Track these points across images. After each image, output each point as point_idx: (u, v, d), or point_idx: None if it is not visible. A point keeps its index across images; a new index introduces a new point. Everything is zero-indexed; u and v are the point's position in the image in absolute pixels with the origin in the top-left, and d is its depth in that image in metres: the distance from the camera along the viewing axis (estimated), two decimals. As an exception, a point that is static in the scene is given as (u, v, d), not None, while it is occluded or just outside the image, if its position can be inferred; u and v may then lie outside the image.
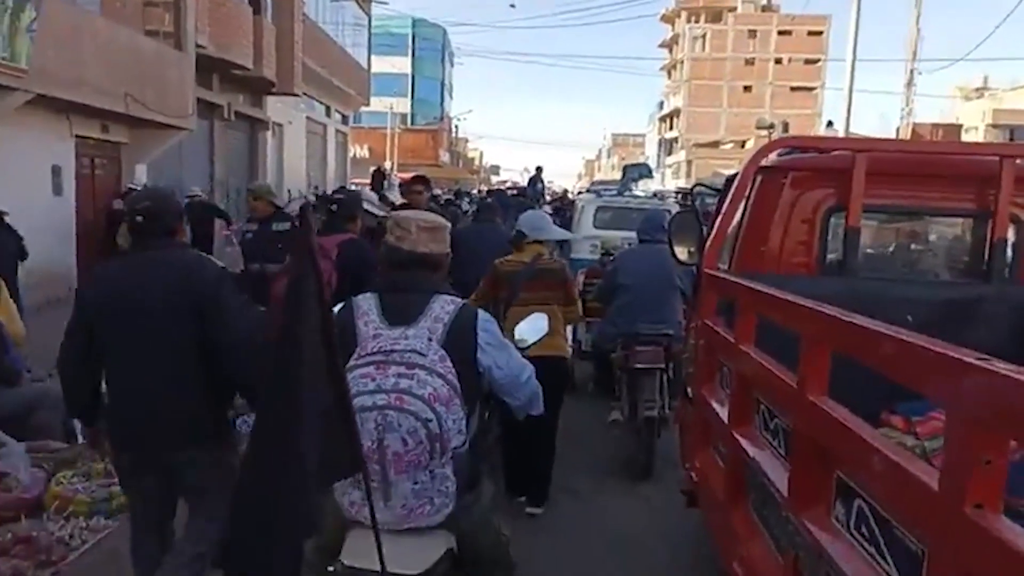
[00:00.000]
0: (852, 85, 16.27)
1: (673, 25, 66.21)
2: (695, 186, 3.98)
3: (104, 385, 2.67)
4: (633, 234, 9.01)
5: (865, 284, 3.00)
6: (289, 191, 18.98)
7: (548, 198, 18.57)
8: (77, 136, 10.24)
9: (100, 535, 3.68)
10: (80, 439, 4.71)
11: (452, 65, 54.51)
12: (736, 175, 3.74)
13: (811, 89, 60.07)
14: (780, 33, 61.10)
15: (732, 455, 2.36)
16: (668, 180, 46.93)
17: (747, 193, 3.19)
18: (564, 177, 36.96)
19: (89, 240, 10.36)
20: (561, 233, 5.23)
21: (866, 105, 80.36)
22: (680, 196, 21.82)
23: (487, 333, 2.16)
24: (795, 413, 1.75)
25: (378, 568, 1.70)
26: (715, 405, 2.68)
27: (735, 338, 2.35)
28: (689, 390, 3.23)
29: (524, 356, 2.32)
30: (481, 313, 2.21)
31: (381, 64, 37.85)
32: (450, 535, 2.09)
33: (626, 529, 4.12)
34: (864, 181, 3.00)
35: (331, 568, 1.96)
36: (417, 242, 2.21)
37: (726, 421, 2.42)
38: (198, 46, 11.90)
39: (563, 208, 15.35)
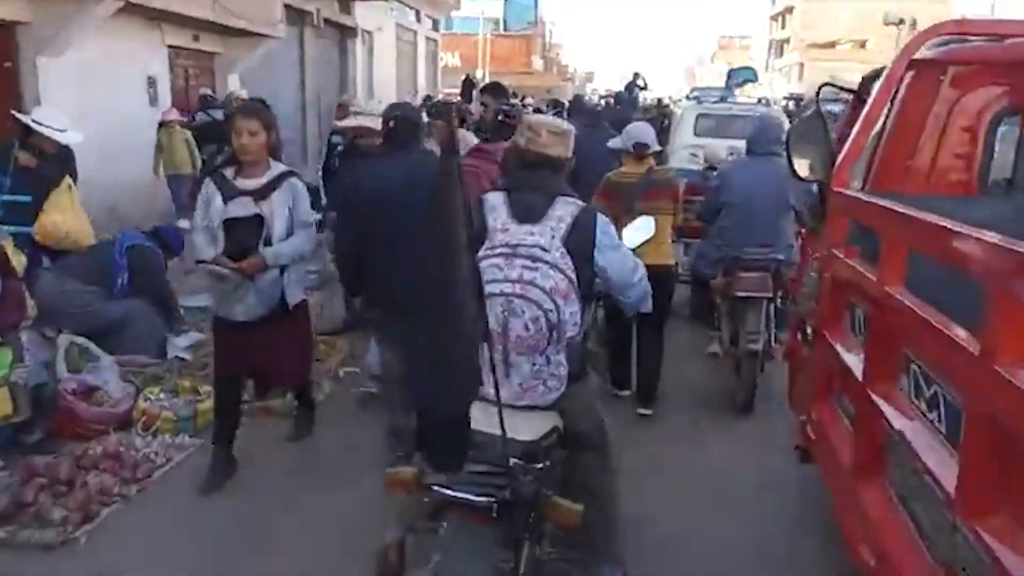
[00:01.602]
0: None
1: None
2: (822, 86, 3.35)
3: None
4: (736, 143, 8.60)
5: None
6: (379, 101, 18.75)
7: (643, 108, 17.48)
8: (169, 46, 10.20)
9: (184, 453, 3.69)
10: (170, 356, 4.83)
11: (547, -35, 51.82)
12: (875, 74, 3.13)
13: (945, -20, 53.98)
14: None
15: (866, 419, 1.94)
16: (777, 85, 43.82)
17: (893, 94, 2.61)
18: (665, 85, 35.00)
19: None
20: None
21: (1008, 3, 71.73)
22: (792, 102, 20.22)
23: (605, 235, 2.32)
24: (975, 390, 1.32)
25: (498, 433, 1.86)
26: (844, 353, 2.24)
27: (879, 278, 1.89)
28: (808, 328, 2.78)
29: None
30: (600, 216, 2.35)
31: None
32: (558, 415, 2.25)
33: (723, 470, 3.79)
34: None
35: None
36: (546, 144, 2.38)
37: (860, 377, 1.99)
38: (283, -53, 11.52)
39: (657, 118, 14.45)
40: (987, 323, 1.26)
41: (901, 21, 20.82)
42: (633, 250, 2.55)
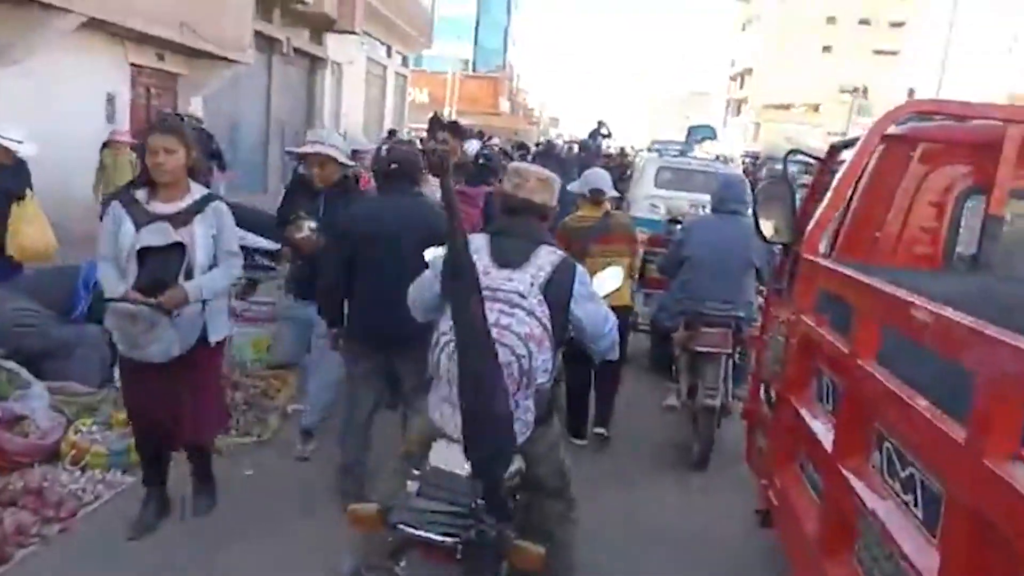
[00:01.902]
0: (948, 48, 14.98)
1: (753, -22, 62.87)
2: (790, 153, 3.40)
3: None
4: (696, 196, 8.96)
5: (1005, 285, 2.45)
6: (345, 132, 18.69)
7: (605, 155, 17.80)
8: (132, 64, 10.01)
9: (115, 491, 3.46)
10: (115, 382, 4.60)
11: (517, 12, 52.97)
12: (843, 144, 3.20)
13: (894, 53, 56.71)
14: (866, -9, 57.47)
15: (835, 493, 1.90)
16: (734, 142, 45.16)
17: (863, 165, 2.65)
18: (627, 134, 35.62)
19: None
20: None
21: (955, 74, 75.56)
22: (749, 159, 20.80)
23: (582, 286, 2.37)
24: (960, 482, 1.28)
25: (460, 472, 1.94)
26: (811, 421, 2.21)
27: (852, 351, 1.87)
28: (772, 391, 2.75)
29: None
30: (579, 267, 2.40)
31: (445, 7, 36.91)
32: (521, 458, 2.26)
33: (677, 524, 3.75)
34: (1016, 159, 2.43)
35: (417, 471, 2.10)
36: (533, 191, 2.44)
37: (829, 449, 1.96)
38: (257, -25, 11.48)
39: (619, 167, 14.69)
40: (975, 413, 1.23)
41: (855, 89, 21.73)
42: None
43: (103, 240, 2.92)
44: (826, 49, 58.24)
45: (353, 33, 17.03)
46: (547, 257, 2.34)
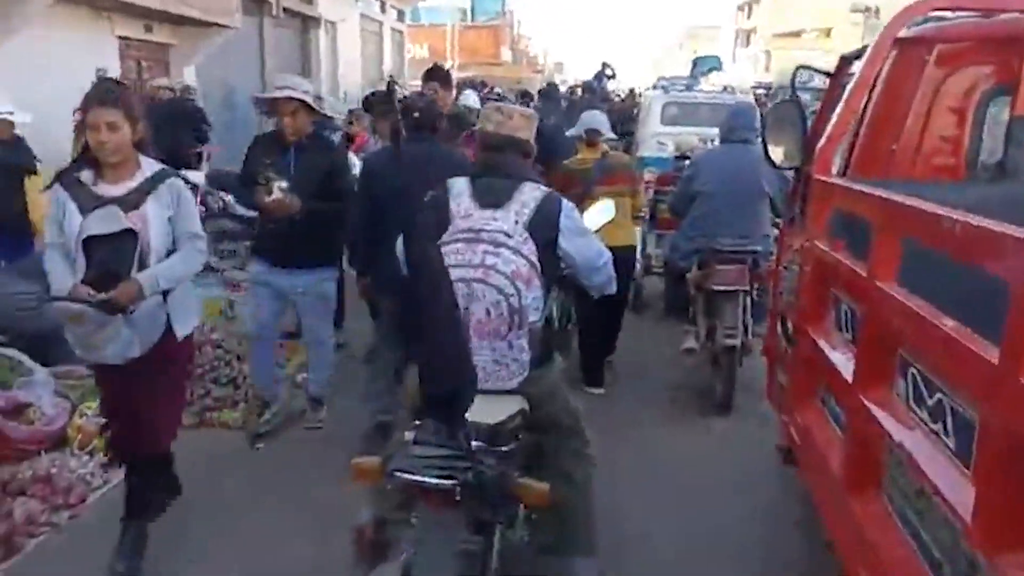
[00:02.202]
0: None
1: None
2: (798, 69, 3.18)
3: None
4: (705, 131, 8.48)
5: (1034, 193, 2.27)
6: (345, 93, 18.38)
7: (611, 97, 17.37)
8: (120, 37, 9.76)
9: (123, 473, 3.43)
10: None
11: (514, -45, 51.29)
12: (855, 54, 2.97)
13: (907, -32, 54.18)
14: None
15: (859, 427, 1.77)
16: (745, 74, 43.94)
17: (875, 74, 2.45)
18: (633, 75, 34.68)
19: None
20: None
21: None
22: (762, 91, 20.13)
23: (569, 220, 2.32)
24: (995, 405, 1.14)
25: None
26: (830, 353, 2.07)
27: (870, 272, 1.72)
28: (788, 324, 2.61)
29: None
30: (565, 202, 2.36)
31: None
32: (523, 398, 2.25)
33: (699, 473, 3.64)
34: (1044, 54, 2.22)
35: (418, 421, 2.02)
36: (515, 127, 2.40)
37: (850, 379, 1.82)
38: (238, -65, 11.11)
39: (629, 108, 14.31)
40: (1009, 328, 1.09)
41: (867, 9, 20.88)
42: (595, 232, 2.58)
43: (48, 228, 2.62)
44: (835, -30, 56.15)
45: (345, -11, 16.57)
46: (531, 193, 2.31)
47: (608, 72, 17.12)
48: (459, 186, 2.36)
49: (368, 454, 2.05)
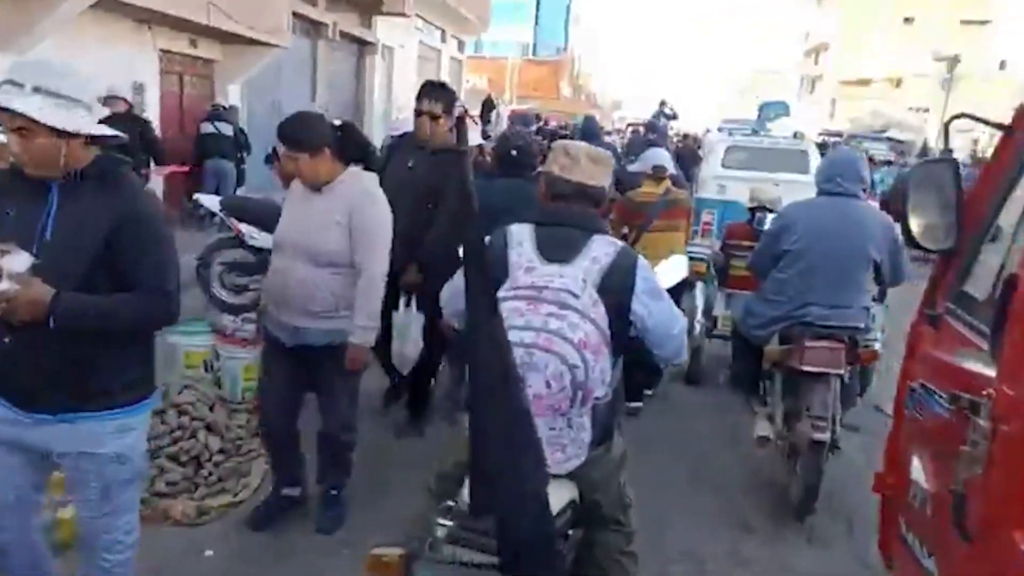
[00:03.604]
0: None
1: (828, -53, 59.45)
2: (956, 117, 2.30)
3: None
4: (767, 176, 7.95)
5: None
6: (397, 117, 18.03)
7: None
8: (161, 50, 9.41)
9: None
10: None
11: (579, -7, 51.53)
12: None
13: (984, 23, 52.69)
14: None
15: None
16: (810, 121, 42.73)
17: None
18: (696, 118, 33.87)
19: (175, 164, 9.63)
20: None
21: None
22: (830, 138, 19.08)
23: (645, 280, 2.08)
24: None
25: None
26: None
27: None
28: (964, 506, 1.68)
29: None
30: (641, 259, 2.13)
31: None
32: (574, 486, 2.00)
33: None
34: None
35: (452, 503, 1.85)
36: (585, 172, 2.12)
37: None
38: (295, -47, 10.75)
39: (689, 151, 13.59)
40: None
41: (954, 57, 19.72)
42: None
43: None
44: (907, 20, 54.54)
45: (404, 16, 16.23)
46: (603, 248, 2.04)
47: (667, 111, 16.59)
48: (521, 233, 2.09)
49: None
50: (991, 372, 1.59)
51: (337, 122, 2.98)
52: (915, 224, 2.31)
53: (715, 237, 7.02)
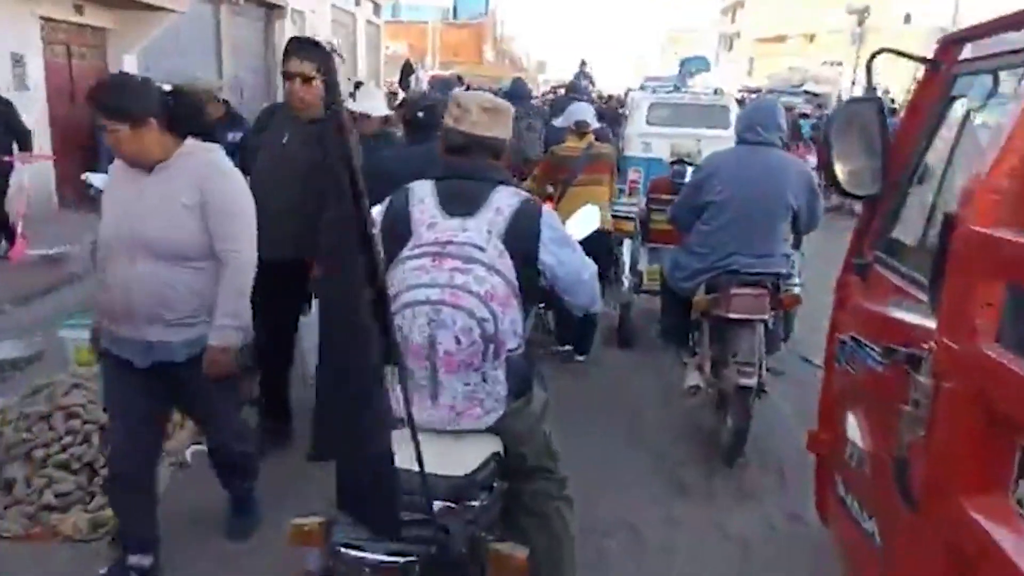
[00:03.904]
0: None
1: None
2: (877, 53, 2.16)
3: None
4: (691, 132, 7.99)
5: None
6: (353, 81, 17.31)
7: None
8: (43, 18, 8.64)
9: None
10: None
11: (498, -47, 50.49)
12: (968, 34, 2.02)
13: (891, -23, 54.22)
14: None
15: None
16: (729, 78, 43.35)
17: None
18: (616, 77, 33.85)
19: (69, 142, 8.94)
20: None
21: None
22: (751, 97, 19.30)
23: (551, 229, 2.04)
24: None
25: (418, 469, 1.60)
26: (1010, 549, 1.11)
27: None
28: (905, 470, 1.58)
29: None
30: (546, 208, 2.12)
31: None
32: (497, 439, 2.00)
33: (700, 530, 3.13)
34: None
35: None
36: (477, 124, 2.06)
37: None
38: (187, -90, 10.00)
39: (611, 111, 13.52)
40: None
41: (864, 9, 20.19)
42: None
43: None
44: (819, -24, 55.74)
45: (313, -22, 15.50)
46: (506, 199, 2.01)
47: (587, 71, 16.61)
48: (423, 190, 2.05)
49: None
50: (931, 324, 1.48)
51: (167, 87, 2.51)
52: (840, 169, 2.20)
53: (642, 195, 6.96)
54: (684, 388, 3.88)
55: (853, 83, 20.80)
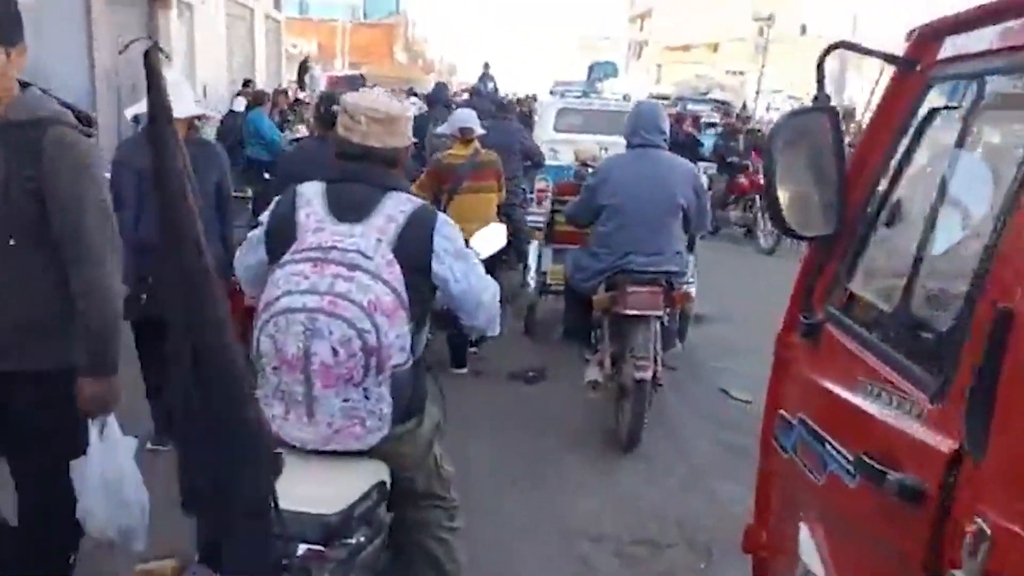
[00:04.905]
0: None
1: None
2: (833, 47, 1.66)
3: None
4: (602, 139, 7.95)
5: None
6: (204, 87, 16.13)
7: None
8: None
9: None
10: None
11: (409, -46, 49.78)
12: (950, 25, 1.54)
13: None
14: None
15: None
16: (639, 85, 44.04)
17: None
18: (527, 82, 33.83)
19: None
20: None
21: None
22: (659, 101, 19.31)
23: (446, 239, 1.95)
24: None
25: (307, 508, 1.59)
26: None
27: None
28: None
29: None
30: (441, 216, 2.03)
31: None
32: (382, 465, 1.91)
33: (604, 522, 3.23)
34: None
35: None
36: (368, 135, 1.98)
37: None
38: None
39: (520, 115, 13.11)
40: None
41: (769, 17, 20.62)
42: (459, 227, 2.11)
43: None
44: (723, -13, 57.47)
45: (201, -34, 14.36)
46: (398, 206, 1.91)
47: (490, 73, 16.37)
48: (311, 191, 1.96)
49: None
50: (932, 439, 0.95)
51: None
52: (784, 199, 1.67)
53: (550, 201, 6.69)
54: (585, 383, 4.02)
55: (758, 93, 21.17)
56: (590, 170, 5.33)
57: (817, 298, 1.76)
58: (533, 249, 5.70)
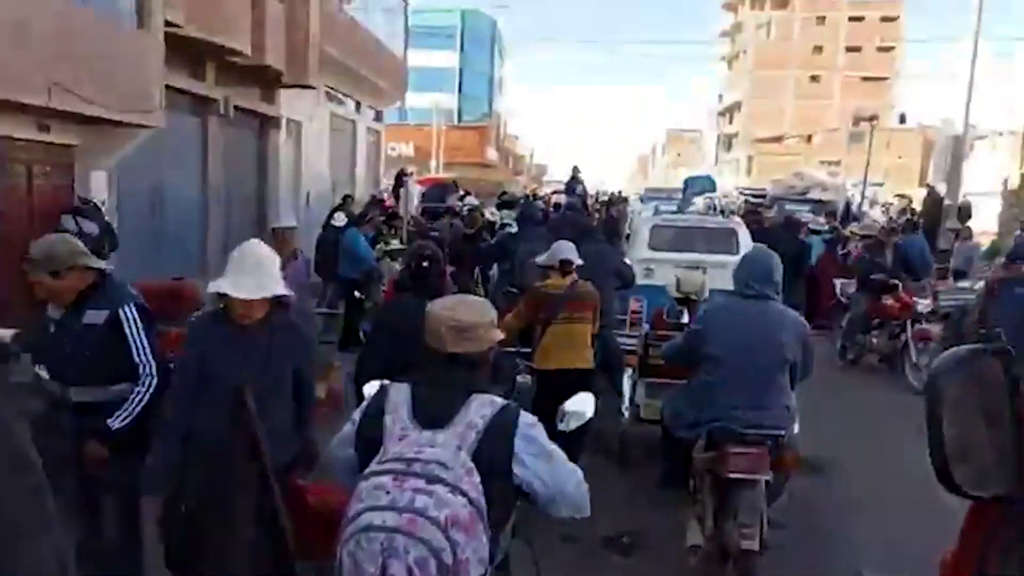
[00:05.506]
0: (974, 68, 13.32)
1: (736, 12, 62.38)
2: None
3: None
4: (695, 257, 8.09)
5: None
6: (308, 193, 16.99)
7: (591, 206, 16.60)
8: (3, 137, 8.12)
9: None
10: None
11: (502, 59, 52.35)
12: None
13: (884, 79, 55.69)
14: (851, 19, 57.02)
15: None
16: (727, 178, 43.71)
17: None
18: (616, 177, 34.24)
19: (17, 271, 8.25)
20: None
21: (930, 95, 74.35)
22: (751, 196, 18.84)
23: (528, 442, 2.00)
24: None
25: None
26: None
27: None
28: None
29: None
30: (523, 417, 2.04)
31: (427, 58, 36.52)
32: None
33: None
34: None
35: None
36: (447, 343, 2.09)
37: None
38: (169, 24, 9.68)
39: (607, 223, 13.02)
40: None
41: (872, 117, 20.09)
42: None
43: None
44: (814, 79, 57.31)
45: (309, 87, 15.31)
46: (479, 410, 1.98)
47: (580, 176, 16.67)
48: (399, 395, 2.06)
49: None
50: None
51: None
52: (952, 451, 1.35)
53: (646, 323, 6.50)
54: (687, 547, 3.81)
55: (863, 195, 20.46)
56: (683, 306, 5.39)
57: (992, 561, 1.41)
58: (627, 379, 5.62)
